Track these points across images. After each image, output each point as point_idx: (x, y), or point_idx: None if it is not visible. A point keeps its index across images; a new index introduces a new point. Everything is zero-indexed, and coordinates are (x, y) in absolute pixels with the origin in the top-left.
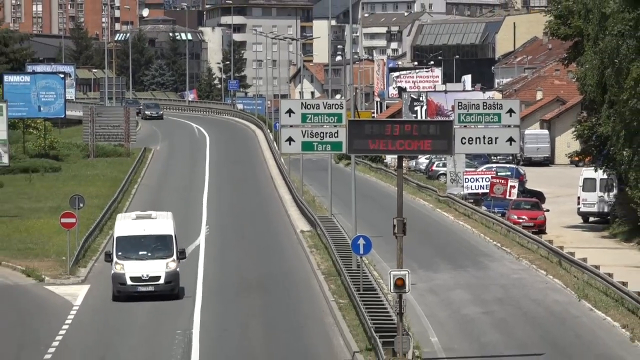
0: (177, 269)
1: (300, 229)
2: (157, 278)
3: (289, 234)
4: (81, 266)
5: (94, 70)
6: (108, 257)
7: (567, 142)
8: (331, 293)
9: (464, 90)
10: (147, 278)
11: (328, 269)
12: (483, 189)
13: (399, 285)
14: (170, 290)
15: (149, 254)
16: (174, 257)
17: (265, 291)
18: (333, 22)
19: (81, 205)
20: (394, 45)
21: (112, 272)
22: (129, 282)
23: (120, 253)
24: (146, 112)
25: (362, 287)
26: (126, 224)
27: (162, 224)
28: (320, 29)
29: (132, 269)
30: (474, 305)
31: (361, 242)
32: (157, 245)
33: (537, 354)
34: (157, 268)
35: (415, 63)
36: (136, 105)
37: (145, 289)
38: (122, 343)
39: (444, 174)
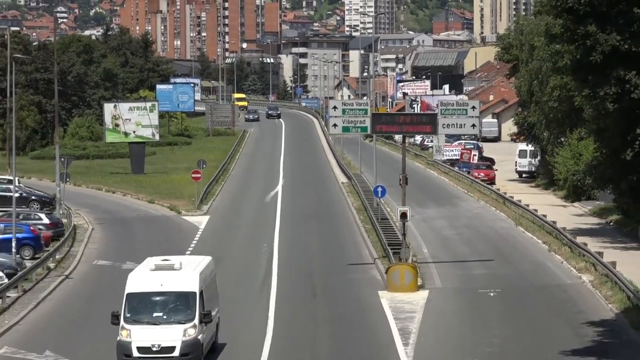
0: (200, 337)
1: (341, 181)
2: (171, 349)
3: (334, 184)
4: (204, 204)
5: (212, 82)
6: (115, 319)
7: (509, 127)
8: (360, 221)
9: (444, 95)
10: (159, 349)
11: (358, 206)
12: (456, 156)
13: (403, 216)
14: None
15: (165, 317)
16: (195, 321)
17: (319, 220)
18: (362, 52)
19: (204, 165)
20: (400, 66)
21: (118, 339)
22: (135, 353)
23: (129, 315)
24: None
25: (380, 217)
26: (140, 277)
27: (185, 277)
28: (354, 55)
29: (140, 336)
30: (450, 229)
31: (379, 189)
32: (175, 306)
33: (489, 260)
34: (172, 336)
35: (414, 77)
36: (275, 111)
37: None
38: (229, 251)
39: (431, 147)
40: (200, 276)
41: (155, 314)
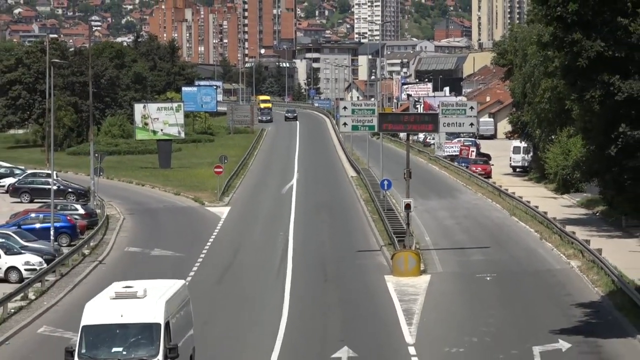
0: None
1: (351, 175)
2: None
3: (344, 177)
4: (225, 196)
5: (233, 84)
6: (69, 356)
7: (504, 126)
8: (368, 212)
9: (444, 96)
10: None
11: (366, 198)
12: (455, 152)
13: (407, 207)
14: None
15: (125, 353)
16: (160, 356)
17: (330, 211)
18: (369, 57)
19: (225, 160)
20: (404, 70)
21: None
22: None
23: (84, 351)
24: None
25: (386, 208)
26: (99, 306)
27: (149, 306)
28: (362, 60)
29: None
30: (450, 219)
31: (385, 182)
32: (137, 340)
33: (486, 247)
34: None
35: (417, 80)
36: (293, 113)
37: None
38: (248, 239)
39: (433, 144)
40: (167, 305)
41: (114, 349)
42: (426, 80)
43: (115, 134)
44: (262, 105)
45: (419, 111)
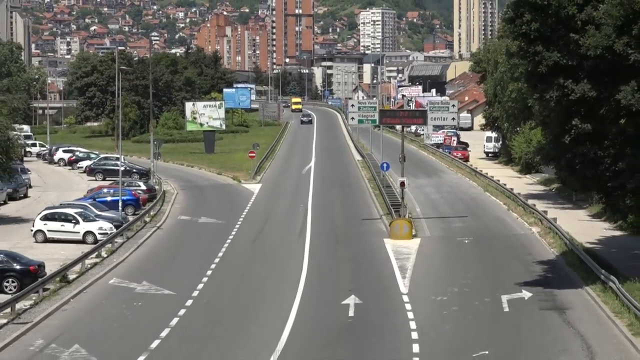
0: None
1: (357, 159)
2: None
3: (351, 161)
4: (257, 175)
5: (264, 86)
6: None
7: (479, 120)
8: (371, 188)
9: (432, 96)
10: None
11: (369, 177)
12: (440, 141)
13: (402, 184)
14: None
15: None
16: None
17: (340, 187)
18: (372, 65)
19: (257, 147)
20: (400, 75)
21: None
22: None
23: None
24: (302, 119)
25: (385, 185)
26: None
27: None
28: (367, 67)
29: None
30: (436, 194)
31: (385, 165)
32: None
33: (464, 216)
34: None
35: (410, 83)
36: (308, 117)
37: None
38: (275, 209)
39: (423, 134)
40: None
41: None
42: (417, 83)
43: (170, 126)
44: (294, 107)
45: (411, 108)
